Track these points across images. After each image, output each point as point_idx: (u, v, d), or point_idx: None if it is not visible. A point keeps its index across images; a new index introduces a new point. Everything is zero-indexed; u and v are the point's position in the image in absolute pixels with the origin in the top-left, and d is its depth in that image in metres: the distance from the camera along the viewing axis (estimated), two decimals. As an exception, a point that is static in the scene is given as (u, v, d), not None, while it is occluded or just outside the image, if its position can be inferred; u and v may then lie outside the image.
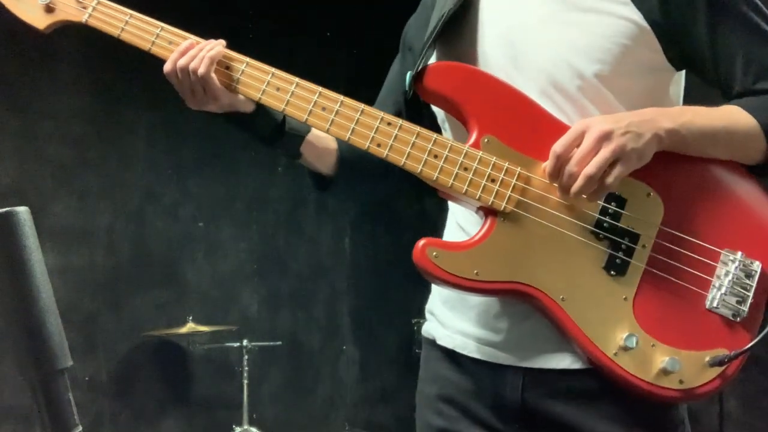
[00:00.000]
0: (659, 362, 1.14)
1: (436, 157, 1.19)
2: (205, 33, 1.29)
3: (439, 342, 1.34)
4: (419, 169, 1.19)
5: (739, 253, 1.17)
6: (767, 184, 1.22)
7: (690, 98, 1.29)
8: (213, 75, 1.27)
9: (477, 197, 1.17)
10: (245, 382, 3.74)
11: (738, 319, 1.16)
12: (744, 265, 1.16)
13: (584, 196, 1.11)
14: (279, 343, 4.00)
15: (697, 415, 2.95)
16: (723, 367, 1.15)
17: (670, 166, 1.17)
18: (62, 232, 3.68)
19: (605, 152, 1.08)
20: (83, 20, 1.33)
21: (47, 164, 3.68)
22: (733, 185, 1.20)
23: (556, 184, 1.14)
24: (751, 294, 1.16)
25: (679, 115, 1.16)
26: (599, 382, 1.17)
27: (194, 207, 4.23)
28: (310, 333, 4.68)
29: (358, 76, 3.23)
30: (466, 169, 1.18)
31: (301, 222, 4.73)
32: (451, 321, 1.33)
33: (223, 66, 1.29)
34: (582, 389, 1.20)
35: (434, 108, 1.36)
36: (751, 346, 1.14)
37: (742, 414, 2.86)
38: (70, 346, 0.77)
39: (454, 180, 1.18)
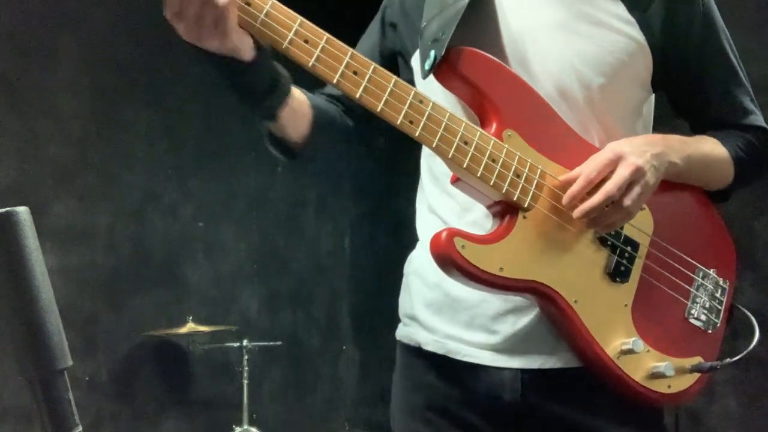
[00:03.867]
0: (651, 367, 1.20)
1: (466, 143, 1.14)
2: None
3: (426, 348, 1.31)
4: (450, 154, 1.13)
5: (713, 270, 1.28)
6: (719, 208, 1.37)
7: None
8: (234, 9, 1.05)
9: (503, 190, 1.15)
10: (245, 382, 3.74)
11: (710, 330, 1.27)
12: (716, 282, 1.28)
13: (601, 223, 1.15)
14: (279, 343, 4.00)
15: (698, 415, 2.95)
16: (700, 374, 1.24)
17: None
18: (62, 232, 3.67)
19: (638, 188, 1.14)
20: None
21: (47, 164, 3.68)
22: (702, 209, 1.32)
23: (573, 204, 1.15)
24: (722, 309, 1.28)
25: (682, 149, 1.24)
26: (594, 381, 1.20)
27: (194, 207, 4.23)
28: (310, 333, 4.68)
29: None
30: (493, 160, 1.15)
31: (301, 222, 4.73)
32: (439, 325, 1.30)
33: (244, 1, 1.08)
34: (580, 387, 1.22)
35: (424, 90, 1.29)
36: (738, 359, 1.23)
37: (742, 414, 2.86)
38: (70, 346, 0.76)
39: (483, 169, 1.14)
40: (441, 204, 1.32)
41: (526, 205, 1.16)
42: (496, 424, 1.25)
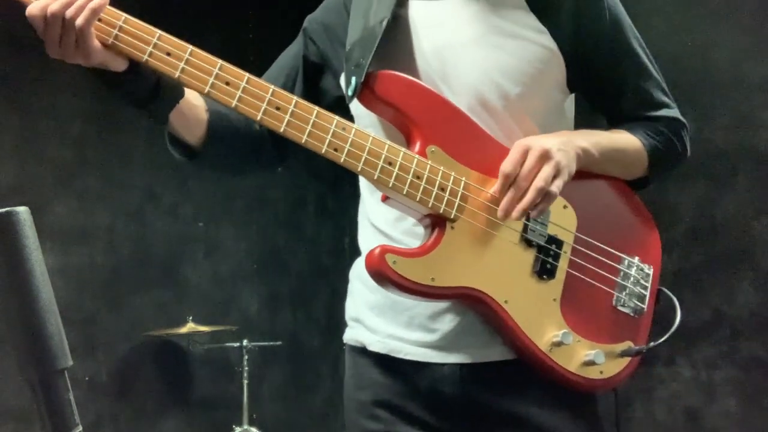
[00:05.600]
0: (583, 356, 1.27)
1: (390, 164, 1.21)
2: (204, 33, 1.27)
3: (370, 348, 1.37)
4: (376, 176, 1.20)
5: (636, 258, 1.35)
6: (642, 197, 1.42)
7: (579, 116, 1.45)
8: (92, 29, 1.12)
9: (429, 205, 1.21)
10: (245, 382, 3.74)
11: (637, 315, 1.33)
12: (640, 269, 1.35)
13: (531, 210, 1.20)
14: (279, 343, 4.00)
15: (697, 415, 2.95)
16: (631, 358, 1.30)
17: (577, 181, 1.28)
18: (62, 232, 3.68)
19: (548, 168, 1.20)
20: None
21: (47, 164, 3.68)
22: (623, 199, 1.38)
23: (502, 199, 1.21)
24: (647, 294, 1.34)
25: (589, 137, 1.31)
26: (528, 371, 1.27)
27: (194, 207, 4.23)
28: (310, 333, 4.68)
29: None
30: (418, 177, 1.21)
31: (301, 222, 4.74)
32: (381, 326, 1.36)
33: (99, 19, 1.13)
34: (515, 378, 1.28)
35: (356, 112, 1.36)
36: (663, 341, 1.31)
37: (742, 414, 2.86)
38: (70, 346, 0.77)
39: (408, 187, 1.20)
40: (377, 214, 1.38)
41: (452, 217, 1.22)
42: (439, 416, 1.31)
